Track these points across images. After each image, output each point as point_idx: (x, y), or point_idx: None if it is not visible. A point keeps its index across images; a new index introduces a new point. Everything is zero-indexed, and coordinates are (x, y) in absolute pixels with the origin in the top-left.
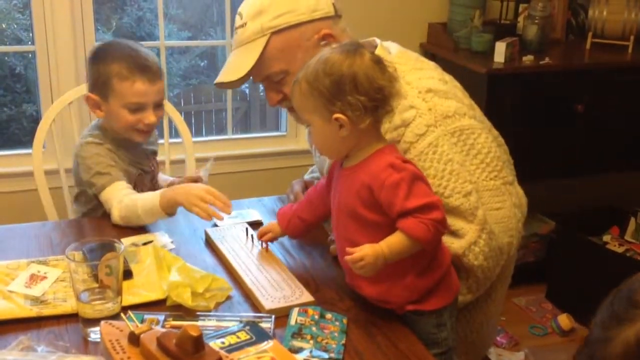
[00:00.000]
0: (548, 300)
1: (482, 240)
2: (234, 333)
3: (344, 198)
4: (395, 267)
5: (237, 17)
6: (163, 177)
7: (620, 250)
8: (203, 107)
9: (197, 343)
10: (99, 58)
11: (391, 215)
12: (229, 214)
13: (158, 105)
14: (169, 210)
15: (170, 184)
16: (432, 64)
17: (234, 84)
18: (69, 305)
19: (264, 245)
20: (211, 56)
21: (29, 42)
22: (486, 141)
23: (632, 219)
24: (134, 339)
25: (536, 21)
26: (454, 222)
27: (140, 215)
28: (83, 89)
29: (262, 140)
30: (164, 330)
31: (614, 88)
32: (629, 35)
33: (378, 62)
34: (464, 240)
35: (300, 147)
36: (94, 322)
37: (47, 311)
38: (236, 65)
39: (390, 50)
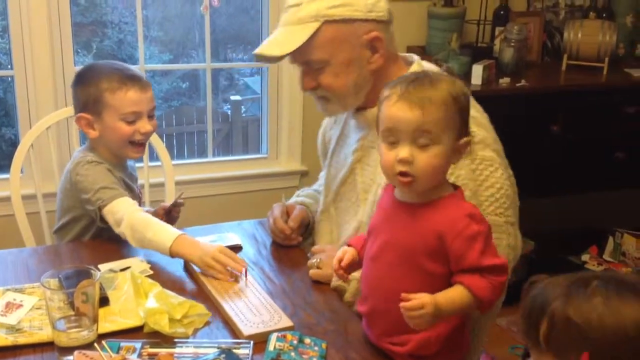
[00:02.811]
0: None
1: None
2: None
3: (401, 237)
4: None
5: None
6: (145, 209)
7: (599, 269)
8: (185, 129)
9: None
10: (85, 79)
11: (456, 267)
12: (241, 272)
13: (151, 115)
14: (174, 257)
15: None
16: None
17: (272, 60)
18: (45, 334)
19: (243, 270)
20: (193, 78)
21: (8, 66)
22: (501, 177)
23: (611, 238)
24: None
25: (512, 44)
26: None
27: (147, 239)
28: (61, 113)
29: (243, 163)
30: None
31: (590, 108)
32: (604, 57)
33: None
34: None
35: (281, 169)
36: (70, 350)
37: (22, 340)
38: (282, 41)
39: (425, 68)
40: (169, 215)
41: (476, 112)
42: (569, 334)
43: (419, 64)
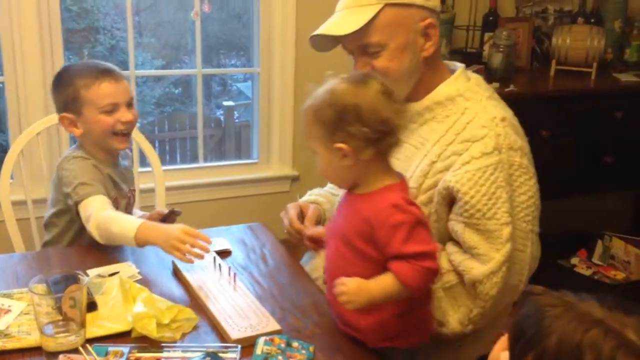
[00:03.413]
0: None
1: (501, 272)
2: None
3: (344, 225)
4: (378, 304)
5: None
6: (138, 212)
7: (587, 272)
8: (177, 135)
9: None
10: (61, 81)
11: (386, 255)
12: (209, 252)
13: (130, 104)
14: (141, 245)
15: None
16: (504, 103)
17: (329, 43)
18: (33, 339)
19: (232, 275)
20: (186, 84)
21: None
22: (534, 186)
23: (599, 242)
24: None
25: (501, 49)
26: (481, 245)
27: (113, 233)
28: (51, 119)
29: (234, 168)
30: None
31: (578, 113)
32: (592, 62)
33: (386, 93)
34: (486, 267)
35: (272, 174)
36: (57, 355)
37: (10, 345)
38: (343, 23)
39: (470, 77)
40: (164, 222)
41: (516, 122)
42: None
43: (462, 72)
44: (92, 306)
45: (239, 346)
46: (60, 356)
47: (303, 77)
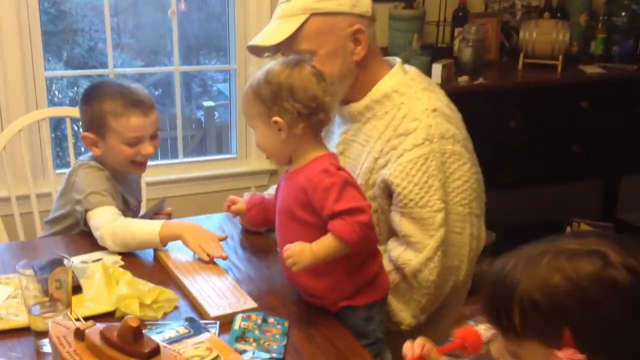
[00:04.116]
0: None
1: (437, 257)
2: (173, 328)
3: (284, 200)
4: (329, 266)
5: None
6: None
7: None
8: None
9: (137, 333)
10: (91, 98)
11: (323, 218)
12: (226, 259)
13: (154, 136)
14: (167, 241)
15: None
16: (442, 91)
17: (264, 50)
18: (21, 320)
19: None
20: (166, 85)
21: None
22: (468, 171)
23: (568, 229)
24: (80, 334)
25: (470, 44)
26: (415, 233)
27: (134, 235)
28: (32, 116)
29: (213, 163)
30: (106, 324)
31: (546, 104)
32: (558, 55)
33: (316, 74)
34: (421, 255)
35: (250, 169)
36: (46, 334)
37: (0, 326)
38: (273, 33)
39: (407, 70)
40: (156, 212)
41: (449, 111)
42: (543, 316)
43: (400, 67)
44: (77, 289)
45: (218, 322)
46: (50, 322)
47: None
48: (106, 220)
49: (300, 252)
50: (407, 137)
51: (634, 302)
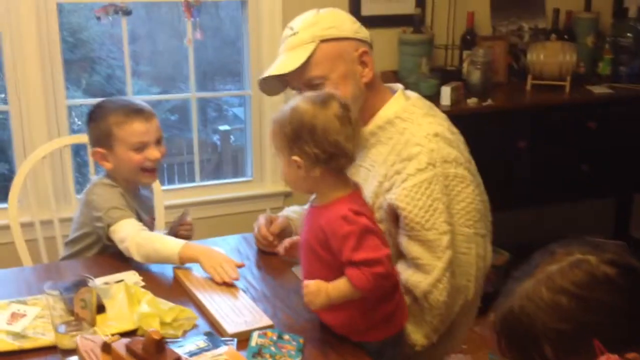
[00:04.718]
0: None
1: (445, 277)
2: (193, 342)
3: (307, 234)
4: (344, 303)
5: (287, 30)
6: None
7: None
8: (175, 160)
9: (159, 345)
10: (95, 116)
11: (340, 261)
12: (238, 279)
13: (158, 142)
14: (185, 262)
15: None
16: (444, 115)
17: (276, 90)
18: (48, 339)
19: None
20: (182, 110)
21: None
22: (472, 193)
23: None
24: (107, 348)
25: (478, 66)
26: (423, 256)
27: (156, 250)
28: (55, 144)
29: (229, 186)
30: (131, 338)
31: (554, 124)
32: (566, 75)
33: (341, 117)
34: (430, 277)
35: (266, 191)
36: (71, 352)
37: (28, 344)
38: (284, 63)
39: (409, 96)
40: (176, 236)
41: (451, 135)
42: (571, 339)
43: (401, 93)
44: (100, 309)
45: (235, 339)
46: (78, 337)
47: (292, 98)
48: (131, 231)
49: (316, 292)
50: (411, 162)
51: (629, 286)
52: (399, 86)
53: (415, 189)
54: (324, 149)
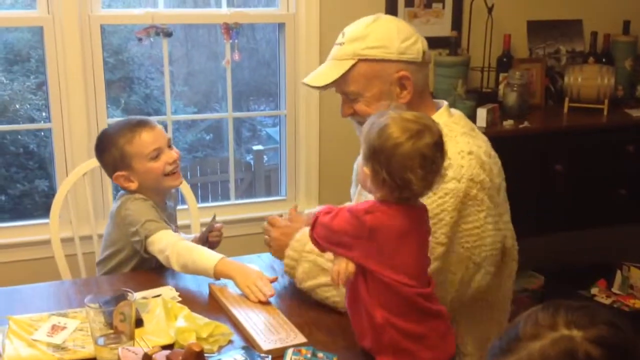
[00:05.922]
0: None
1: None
2: (231, 356)
3: None
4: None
5: (340, 35)
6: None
7: (607, 301)
8: (209, 179)
9: (199, 356)
10: (104, 146)
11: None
12: (273, 296)
13: (169, 146)
14: (220, 277)
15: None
16: (484, 137)
17: (317, 88)
18: (87, 351)
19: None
20: (216, 129)
21: (41, 121)
22: (482, 219)
23: (619, 272)
24: (148, 359)
25: (515, 89)
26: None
27: (194, 262)
28: (95, 161)
29: (263, 205)
30: (172, 350)
31: (592, 148)
32: (603, 99)
33: (423, 156)
34: None
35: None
36: None
37: (67, 357)
38: (323, 74)
39: (453, 113)
40: (207, 242)
41: (486, 157)
42: None
43: (446, 109)
44: (139, 323)
45: (270, 356)
46: (120, 349)
47: (327, 117)
48: (171, 241)
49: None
50: None
51: None
52: (444, 102)
53: (430, 194)
54: (393, 179)
